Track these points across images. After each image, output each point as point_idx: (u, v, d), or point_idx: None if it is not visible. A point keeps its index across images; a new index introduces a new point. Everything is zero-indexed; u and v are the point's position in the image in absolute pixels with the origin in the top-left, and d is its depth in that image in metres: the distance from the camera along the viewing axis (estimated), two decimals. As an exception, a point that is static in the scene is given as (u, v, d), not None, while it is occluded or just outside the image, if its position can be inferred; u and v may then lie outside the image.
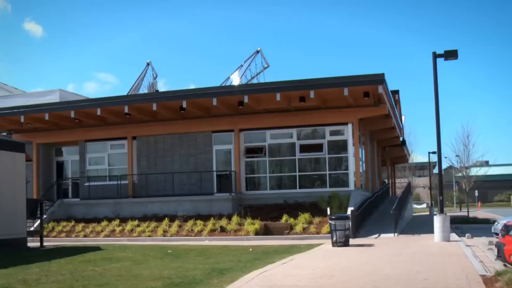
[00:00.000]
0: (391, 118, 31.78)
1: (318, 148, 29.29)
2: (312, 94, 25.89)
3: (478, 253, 17.21)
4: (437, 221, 20.25)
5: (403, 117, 46.24)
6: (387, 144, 43.03)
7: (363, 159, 31.80)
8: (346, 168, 28.91)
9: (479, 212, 66.63)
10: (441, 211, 20.61)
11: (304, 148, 29.52)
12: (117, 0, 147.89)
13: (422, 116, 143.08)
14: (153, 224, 27.85)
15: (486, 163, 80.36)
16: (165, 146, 31.73)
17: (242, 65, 33.59)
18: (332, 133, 29.20)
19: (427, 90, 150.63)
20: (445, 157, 57.65)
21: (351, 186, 28.40)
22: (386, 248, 18.90)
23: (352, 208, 24.50)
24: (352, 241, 20.76)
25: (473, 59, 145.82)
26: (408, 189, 44.56)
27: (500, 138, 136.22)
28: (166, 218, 27.96)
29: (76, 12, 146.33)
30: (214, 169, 30.61)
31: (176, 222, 27.41)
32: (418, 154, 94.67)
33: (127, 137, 32.15)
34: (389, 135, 37.67)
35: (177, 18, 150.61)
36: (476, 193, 76.27)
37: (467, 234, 24.10)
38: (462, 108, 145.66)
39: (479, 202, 79.93)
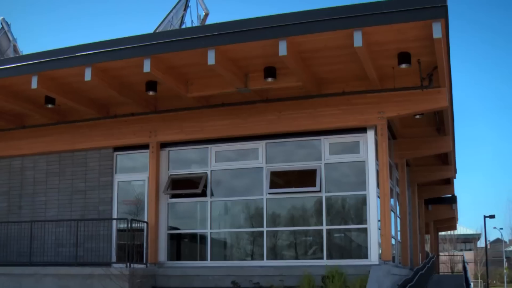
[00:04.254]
0: (450, 135, 17.40)
1: (307, 179, 14.70)
2: (283, 48, 11.73)
3: None
4: None
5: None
6: (431, 196, 28.01)
7: (396, 207, 17.17)
8: (363, 221, 14.28)
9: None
10: None
11: (278, 180, 15.03)
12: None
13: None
14: (-39, 324, 13.53)
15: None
16: (37, 176, 17.61)
17: (166, 17, 19.57)
18: (335, 149, 14.70)
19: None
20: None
21: (373, 258, 13.64)
22: None
23: (371, 311, 9.90)
24: None
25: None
26: (465, 266, 29.22)
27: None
28: (-14, 313, 13.65)
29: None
30: (115, 215, 16.37)
31: (1, 323, 13.02)
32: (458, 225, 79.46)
33: (-23, 158, 18.28)
34: (439, 174, 22.95)
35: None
36: (535, 269, 60.80)
37: None
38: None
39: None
